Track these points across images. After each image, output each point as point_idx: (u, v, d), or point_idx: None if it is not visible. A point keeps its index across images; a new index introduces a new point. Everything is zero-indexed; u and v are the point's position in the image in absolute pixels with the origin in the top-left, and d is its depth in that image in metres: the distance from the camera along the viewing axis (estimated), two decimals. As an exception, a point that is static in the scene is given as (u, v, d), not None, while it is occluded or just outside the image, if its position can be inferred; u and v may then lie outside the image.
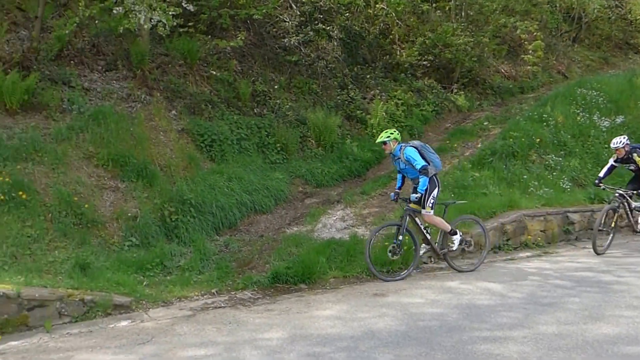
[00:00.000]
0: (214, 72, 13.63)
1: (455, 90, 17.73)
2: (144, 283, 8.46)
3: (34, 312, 7.15)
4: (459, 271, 9.32)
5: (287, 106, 13.92)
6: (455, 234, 9.22)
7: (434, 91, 17.26)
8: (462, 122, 16.46)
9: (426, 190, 8.81)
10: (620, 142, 10.87)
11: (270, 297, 8.29)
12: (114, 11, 10.04)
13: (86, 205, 9.39)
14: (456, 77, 18.07)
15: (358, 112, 15.07)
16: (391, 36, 17.47)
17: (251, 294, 8.41)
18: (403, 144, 9.00)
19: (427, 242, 9.19)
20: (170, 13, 9.98)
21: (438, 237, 9.33)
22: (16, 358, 6.17)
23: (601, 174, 11.08)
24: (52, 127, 10.31)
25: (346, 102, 15.25)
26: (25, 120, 10.22)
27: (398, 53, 17.39)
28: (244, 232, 10.88)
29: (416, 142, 9.13)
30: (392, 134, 9.01)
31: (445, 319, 7.04)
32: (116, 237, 9.49)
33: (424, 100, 16.80)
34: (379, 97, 15.58)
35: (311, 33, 15.20)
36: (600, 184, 10.99)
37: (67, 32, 10.87)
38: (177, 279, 8.69)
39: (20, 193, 8.89)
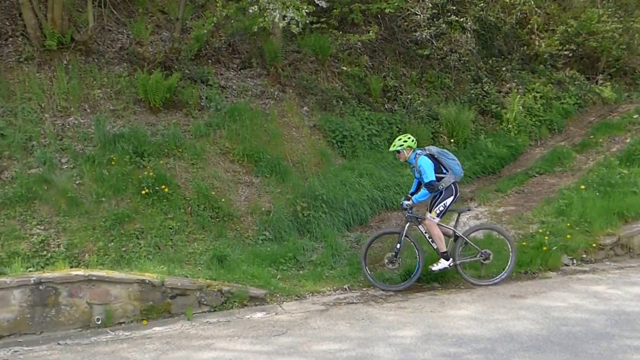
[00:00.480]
0: (345, 68, 13.63)
1: (600, 81, 16.55)
2: (278, 276, 8.61)
3: (176, 300, 7.49)
4: (475, 285, 8.37)
5: (419, 101, 13.64)
6: (447, 259, 8.25)
7: (576, 83, 16.23)
8: (608, 116, 15.32)
9: (439, 195, 8.18)
10: None
11: (403, 294, 8.14)
12: (250, 10, 10.26)
13: (223, 200, 9.69)
14: (602, 67, 16.86)
15: (493, 106, 14.48)
16: (529, 25, 16.60)
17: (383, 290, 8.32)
18: (418, 152, 8.28)
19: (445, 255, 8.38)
20: (303, 10, 10.05)
21: (448, 246, 8.47)
22: (161, 343, 6.47)
23: None
24: (191, 124, 10.76)
25: (480, 96, 14.70)
26: (167, 117, 10.73)
27: (537, 43, 16.50)
28: (375, 228, 10.75)
29: (433, 149, 8.37)
30: (405, 142, 8.28)
31: (591, 325, 6.55)
32: (250, 231, 9.72)
33: (565, 92, 15.83)
34: (515, 90, 14.88)
35: (443, 25, 14.78)
36: None
37: (205, 32, 11.28)
38: (310, 274, 8.76)
39: (163, 187, 9.35)
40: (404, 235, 8.32)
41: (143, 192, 9.21)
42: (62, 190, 8.93)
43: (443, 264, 8.25)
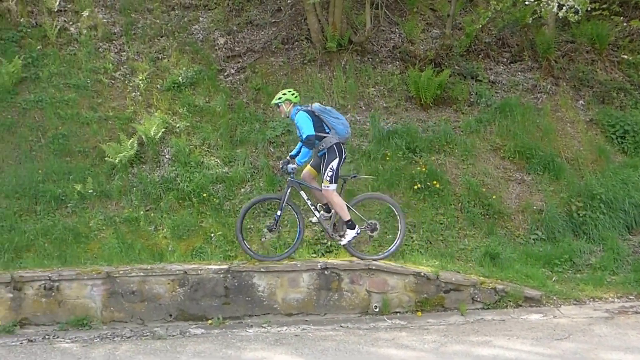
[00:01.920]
0: (626, 56, 12.48)
1: None
2: (553, 278, 8.28)
3: (449, 294, 7.56)
4: (361, 258, 7.66)
5: None
6: (353, 228, 7.56)
7: None
8: None
9: (323, 160, 7.48)
10: None
11: None
12: (526, 2, 9.90)
13: (493, 197, 9.56)
14: None
15: None
16: None
17: (677, 303, 7.52)
18: (300, 107, 7.60)
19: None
20: (584, -3, 9.40)
21: (332, 216, 7.74)
22: (439, 335, 6.61)
23: None
24: (461, 120, 10.76)
25: None
26: (437, 114, 10.87)
27: None
28: (663, 233, 9.77)
29: (316, 106, 7.67)
30: (284, 94, 7.67)
31: None
32: (521, 230, 9.47)
33: None
34: None
35: None
36: None
37: (478, 27, 11.17)
38: (589, 278, 8.28)
39: (435, 182, 9.51)
40: (285, 201, 7.65)
41: (415, 187, 9.47)
42: (344, 184, 9.53)
43: (350, 234, 7.61)
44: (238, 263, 7.72)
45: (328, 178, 7.47)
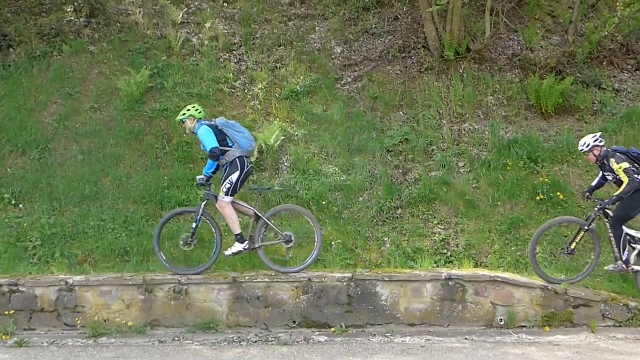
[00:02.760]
0: None
1: None
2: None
3: (578, 310, 7.37)
4: (279, 272, 7.78)
5: None
6: (241, 242, 7.79)
7: None
8: None
9: (225, 172, 7.75)
10: (586, 143, 7.76)
11: None
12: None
13: (621, 209, 9.13)
14: None
15: None
16: None
17: None
18: (203, 122, 7.88)
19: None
20: None
21: (250, 227, 7.96)
22: (570, 351, 6.44)
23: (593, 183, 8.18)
24: (584, 129, 10.35)
25: None
26: (559, 122, 10.54)
27: None
28: None
29: (219, 120, 7.97)
30: (188, 110, 7.99)
31: None
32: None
33: None
34: None
35: None
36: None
37: (603, 33, 10.77)
38: None
39: (558, 193, 9.23)
40: (200, 214, 7.89)
41: (537, 197, 9.21)
42: (460, 193, 9.43)
43: (236, 247, 7.85)
44: (361, 271, 7.81)
45: (225, 189, 7.76)
